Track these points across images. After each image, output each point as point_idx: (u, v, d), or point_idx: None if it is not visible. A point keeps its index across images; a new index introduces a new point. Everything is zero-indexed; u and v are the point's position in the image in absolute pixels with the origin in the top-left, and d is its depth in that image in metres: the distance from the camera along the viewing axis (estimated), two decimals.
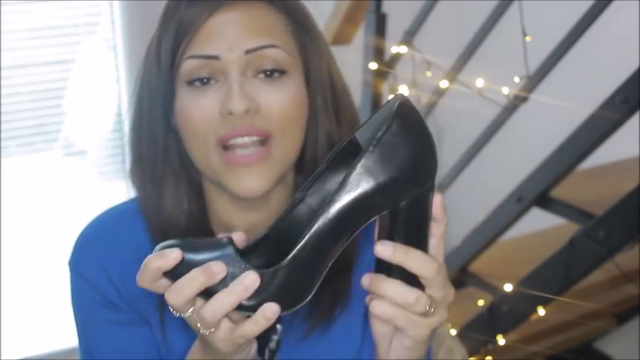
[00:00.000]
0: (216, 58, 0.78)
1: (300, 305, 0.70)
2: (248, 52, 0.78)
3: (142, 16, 2.53)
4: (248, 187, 0.80)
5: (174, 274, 0.68)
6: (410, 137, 0.69)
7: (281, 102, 0.79)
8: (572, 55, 1.78)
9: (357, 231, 0.70)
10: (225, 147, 0.79)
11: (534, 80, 1.84)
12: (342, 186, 0.68)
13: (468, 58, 2.02)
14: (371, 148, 0.68)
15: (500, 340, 1.91)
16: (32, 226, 2.67)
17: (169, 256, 0.68)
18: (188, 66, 0.79)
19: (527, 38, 1.82)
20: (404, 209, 0.70)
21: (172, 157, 0.85)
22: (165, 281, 0.69)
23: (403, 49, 2.21)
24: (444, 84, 2.06)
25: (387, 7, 2.27)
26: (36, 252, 2.66)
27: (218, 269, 0.67)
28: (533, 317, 1.85)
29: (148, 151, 0.85)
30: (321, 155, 0.86)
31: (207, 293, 0.69)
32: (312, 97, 0.84)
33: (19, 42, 2.54)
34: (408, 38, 2.20)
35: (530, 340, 2.15)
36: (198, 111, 0.79)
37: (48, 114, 2.65)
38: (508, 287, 1.85)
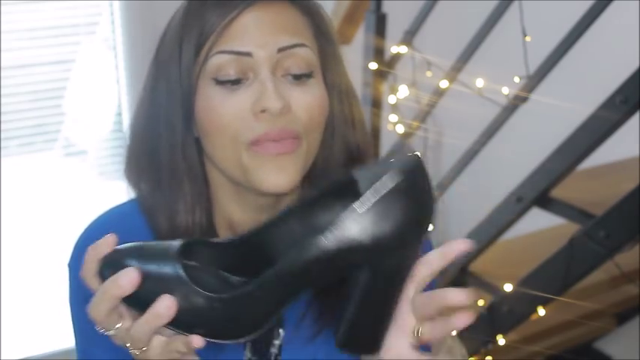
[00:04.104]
0: (247, 54, 0.77)
1: (243, 339, 0.67)
2: (280, 50, 0.78)
3: (142, 16, 2.53)
4: (276, 183, 0.79)
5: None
6: (409, 205, 0.64)
7: (310, 103, 0.79)
8: (572, 55, 1.78)
9: (325, 281, 0.66)
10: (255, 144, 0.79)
11: (534, 80, 1.84)
12: (327, 231, 0.63)
13: (468, 58, 2.02)
14: (367, 207, 0.63)
15: (500, 340, 1.91)
16: (32, 226, 2.68)
17: (102, 243, 0.68)
18: (217, 61, 0.78)
19: (527, 38, 1.82)
20: (381, 271, 0.66)
21: (191, 160, 0.84)
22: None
23: (403, 49, 2.21)
24: (444, 84, 2.06)
25: (387, 7, 2.28)
26: (36, 252, 2.66)
27: (126, 280, 0.65)
28: (533, 317, 1.85)
29: (166, 155, 0.84)
30: (335, 159, 0.86)
31: (137, 303, 0.66)
32: (329, 99, 0.84)
33: (19, 42, 2.54)
34: (408, 38, 2.20)
35: (530, 340, 2.15)
36: (228, 110, 0.78)
37: (48, 114, 2.66)
38: (508, 287, 1.85)
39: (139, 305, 0.66)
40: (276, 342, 0.88)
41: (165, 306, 0.65)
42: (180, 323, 0.65)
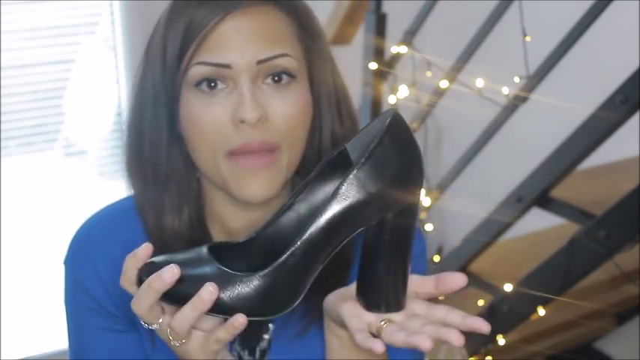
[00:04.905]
0: (227, 66, 0.78)
1: (285, 311, 0.71)
2: (260, 62, 0.78)
3: (142, 16, 2.53)
4: (255, 192, 0.81)
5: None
6: (400, 151, 0.71)
7: (289, 110, 0.80)
8: (572, 55, 1.78)
9: (345, 241, 0.72)
10: (234, 154, 0.80)
11: (534, 80, 1.84)
12: (333, 196, 0.70)
13: (468, 58, 2.02)
14: (363, 160, 0.70)
15: (500, 340, 1.91)
16: (32, 226, 2.67)
17: (141, 252, 0.71)
18: (196, 72, 0.79)
19: (527, 38, 1.82)
20: (391, 220, 0.72)
21: (175, 159, 0.85)
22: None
23: (403, 49, 2.21)
24: (444, 84, 2.06)
25: (387, 7, 2.27)
26: (36, 252, 2.66)
27: (169, 274, 0.68)
28: (533, 317, 1.85)
29: (150, 152, 0.85)
30: (324, 155, 0.86)
31: (177, 298, 0.70)
32: (316, 98, 0.85)
33: (19, 42, 2.54)
34: (408, 38, 2.20)
35: (530, 340, 2.15)
36: (208, 118, 0.79)
37: (48, 114, 2.65)
38: (508, 287, 1.85)
39: (178, 301, 0.70)
40: (266, 336, 0.89)
41: (208, 291, 0.68)
42: (224, 308, 0.70)
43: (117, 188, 2.73)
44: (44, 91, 2.62)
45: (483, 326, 0.69)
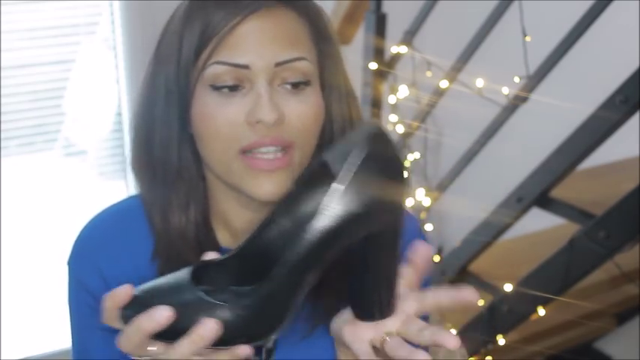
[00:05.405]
0: (245, 67, 0.78)
1: (273, 334, 0.71)
2: (278, 64, 0.78)
3: (142, 16, 2.53)
4: (268, 191, 0.80)
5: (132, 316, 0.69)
6: (384, 168, 0.70)
7: (304, 113, 0.80)
8: (572, 55, 1.78)
9: (331, 259, 0.70)
10: (247, 151, 0.80)
11: (534, 80, 1.84)
12: (316, 216, 0.68)
13: (468, 58, 2.02)
14: (347, 183, 0.68)
15: (500, 340, 1.91)
16: (32, 226, 2.68)
17: (120, 295, 0.69)
18: (214, 71, 0.79)
19: (527, 38, 1.82)
20: (376, 234, 0.71)
21: (186, 158, 0.85)
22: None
23: (403, 49, 2.21)
24: (444, 84, 2.06)
25: (387, 7, 2.28)
26: (36, 252, 2.66)
27: (162, 317, 0.67)
28: (533, 317, 1.85)
29: (160, 151, 0.85)
30: None
31: (165, 332, 0.68)
32: (327, 101, 0.85)
33: (19, 42, 2.54)
34: (408, 38, 2.20)
35: (530, 340, 2.15)
36: (222, 117, 0.79)
37: (48, 114, 2.66)
38: (508, 287, 1.85)
39: (167, 336, 0.68)
40: (272, 336, 0.89)
41: (210, 328, 0.67)
42: (215, 340, 0.68)
43: (117, 188, 2.76)
44: (44, 91, 2.62)
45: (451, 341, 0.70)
